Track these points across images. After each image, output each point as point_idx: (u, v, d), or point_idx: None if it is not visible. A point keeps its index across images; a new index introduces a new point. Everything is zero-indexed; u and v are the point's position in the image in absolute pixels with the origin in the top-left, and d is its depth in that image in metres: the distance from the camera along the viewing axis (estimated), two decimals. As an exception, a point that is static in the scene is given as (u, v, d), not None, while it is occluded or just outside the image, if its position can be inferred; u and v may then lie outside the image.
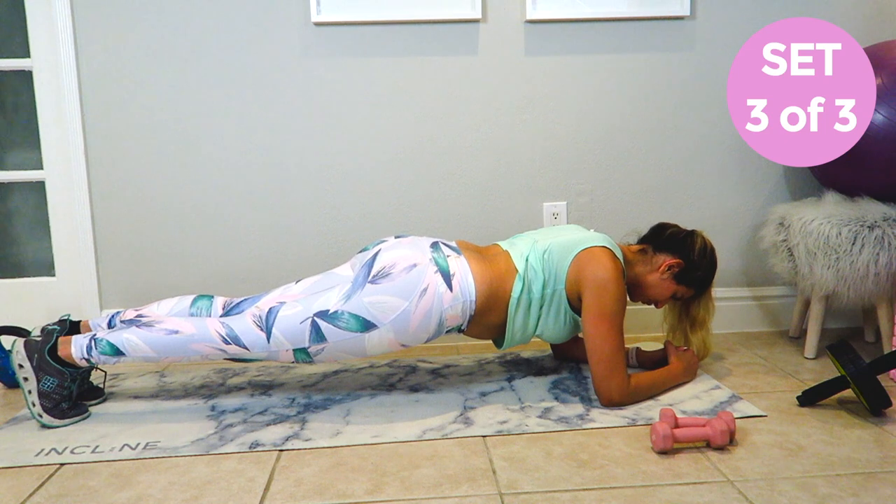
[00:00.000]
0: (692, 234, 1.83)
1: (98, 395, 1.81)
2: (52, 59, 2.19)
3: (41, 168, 2.26)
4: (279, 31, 2.17)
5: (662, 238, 1.83)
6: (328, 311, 1.62)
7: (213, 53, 2.18)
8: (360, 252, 1.78)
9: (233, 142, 2.21)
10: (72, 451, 1.51)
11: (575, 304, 1.73)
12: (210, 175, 2.22)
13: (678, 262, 1.79)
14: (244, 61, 2.18)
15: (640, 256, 1.83)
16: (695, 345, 1.89)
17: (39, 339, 1.65)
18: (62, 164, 2.23)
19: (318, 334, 1.62)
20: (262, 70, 2.19)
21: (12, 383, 1.95)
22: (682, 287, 1.82)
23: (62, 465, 1.46)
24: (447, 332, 1.72)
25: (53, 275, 2.30)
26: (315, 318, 1.61)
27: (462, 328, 1.73)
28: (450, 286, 1.64)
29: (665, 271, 1.80)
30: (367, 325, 1.61)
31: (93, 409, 1.75)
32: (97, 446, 1.53)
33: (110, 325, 1.80)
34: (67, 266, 2.28)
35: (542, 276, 1.70)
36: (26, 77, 2.24)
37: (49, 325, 1.74)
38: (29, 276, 2.31)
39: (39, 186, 2.28)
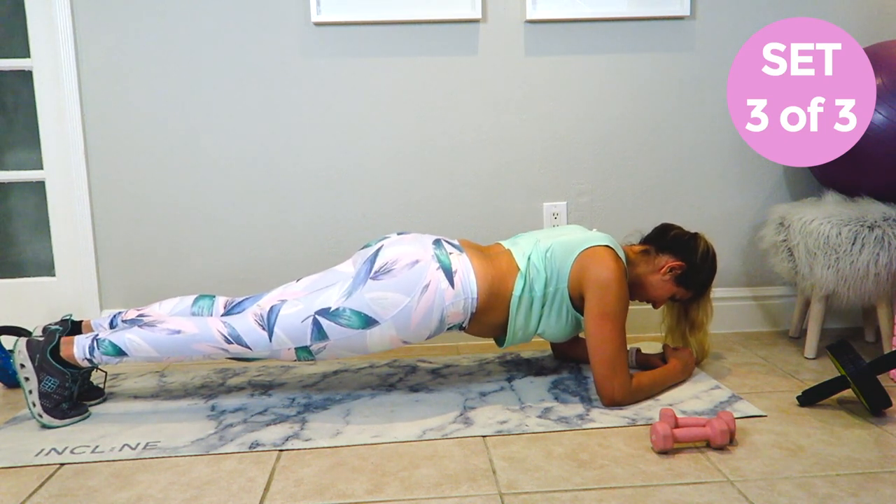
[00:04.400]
0: (695, 237, 1.84)
1: (98, 395, 1.80)
2: (52, 59, 2.19)
3: (41, 168, 2.26)
4: (279, 31, 2.17)
5: (666, 240, 1.84)
6: (329, 308, 1.62)
7: (213, 53, 2.18)
8: (363, 248, 1.78)
9: (233, 142, 2.21)
10: (72, 451, 1.51)
11: (577, 303, 1.73)
12: (210, 175, 2.22)
13: (680, 264, 1.79)
14: (244, 61, 2.18)
15: (643, 257, 1.83)
16: (693, 346, 1.91)
17: (42, 339, 1.65)
18: (62, 164, 2.23)
19: (319, 332, 1.62)
20: (262, 70, 2.19)
21: (12, 383, 1.95)
22: (681, 289, 1.83)
23: (62, 465, 1.46)
24: (448, 329, 1.72)
25: (53, 275, 2.30)
26: (316, 317, 1.61)
27: (463, 326, 1.74)
28: (451, 283, 1.64)
29: (666, 273, 1.80)
30: (368, 322, 1.61)
31: (93, 409, 1.75)
32: (97, 446, 1.53)
33: (112, 326, 1.80)
34: (67, 266, 2.28)
35: (545, 275, 1.70)
36: (26, 77, 2.24)
37: (51, 324, 1.74)
38: (29, 276, 2.31)
39: (39, 186, 2.28)
